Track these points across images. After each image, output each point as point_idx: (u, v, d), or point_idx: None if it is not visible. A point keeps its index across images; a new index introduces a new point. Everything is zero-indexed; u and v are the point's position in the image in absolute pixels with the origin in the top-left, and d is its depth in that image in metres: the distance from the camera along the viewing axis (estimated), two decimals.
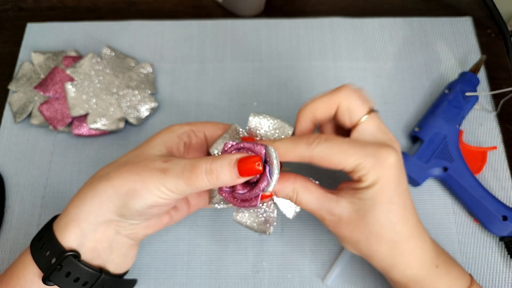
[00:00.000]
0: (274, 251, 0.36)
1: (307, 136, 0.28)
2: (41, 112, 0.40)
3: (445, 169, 0.37)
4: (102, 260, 0.28)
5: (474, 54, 0.44)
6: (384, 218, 0.27)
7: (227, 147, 0.27)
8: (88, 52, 0.42)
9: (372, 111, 0.29)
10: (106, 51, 0.42)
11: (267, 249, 0.37)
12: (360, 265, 0.36)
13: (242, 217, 0.31)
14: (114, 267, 0.29)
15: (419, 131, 0.38)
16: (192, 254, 0.36)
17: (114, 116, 0.40)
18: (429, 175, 0.37)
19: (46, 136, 0.41)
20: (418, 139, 0.39)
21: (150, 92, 0.42)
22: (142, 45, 0.45)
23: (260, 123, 0.31)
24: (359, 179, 0.27)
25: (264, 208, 0.31)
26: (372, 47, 0.45)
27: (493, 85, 0.43)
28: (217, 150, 0.31)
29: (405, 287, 0.29)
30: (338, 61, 0.44)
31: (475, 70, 0.41)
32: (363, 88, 0.32)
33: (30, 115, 0.41)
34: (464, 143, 0.39)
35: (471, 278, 0.30)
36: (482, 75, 0.43)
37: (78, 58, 0.42)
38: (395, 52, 0.45)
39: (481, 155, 0.38)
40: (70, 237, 0.26)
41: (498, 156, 0.40)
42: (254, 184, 0.27)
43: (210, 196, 0.32)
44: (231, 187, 0.27)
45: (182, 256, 0.36)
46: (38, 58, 0.43)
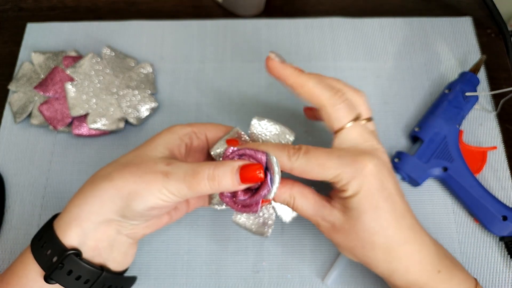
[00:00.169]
0: (274, 251, 0.36)
1: (288, 147, 0.28)
2: (41, 112, 0.40)
3: (445, 169, 0.37)
4: (102, 259, 0.28)
5: (474, 54, 0.44)
6: (373, 225, 0.27)
7: (229, 153, 0.27)
8: (88, 52, 0.42)
9: (357, 118, 0.29)
10: (106, 51, 0.42)
11: (267, 249, 0.37)
12: (360, 265, 0.36)
13: (241, 219, 0.31)
14: (114, 265, 0.29)
15: (419, 131, 0.38)
16: (192, 253, 0.36)
17: (114, 116, 0.40)
18: (429, 175, 0.37)
19: (46, 136, 0.41)
20: (418, 139, 0.39)
21: (150, 92, 0.42)
22: (142, 45, 0.45)
23: (262, 128, 0.31)
24: (341, 189, 0.28)
25: (263, 211, 0.31)
26: (372, 47, 0.45)
27: (493, 85, 0.43)
28: (219, 150, 0.31)
29: None
30: (338, 61, 0.44)
31: (475, 70, 0.41)
32: (363, 93, 0.32)
33: (30, 115, 0.41)
34: (464, 143, 0.39)
35: (476, 283, 0.29)
36: (482, 75, 0.43)
37: (78, 58, 0.42)
38: (395, 52, 0.45)
39: (481, 155, 0.38)
40: (71, 236, 0.27)
41: (498, 156, 0.40)
42: (255, 191, 0.27)
43: (210, 197, 0.32)
44: (232, 192, 0.28)
45: (182, 255, 0.36)
46: (38, 58, 0.43)
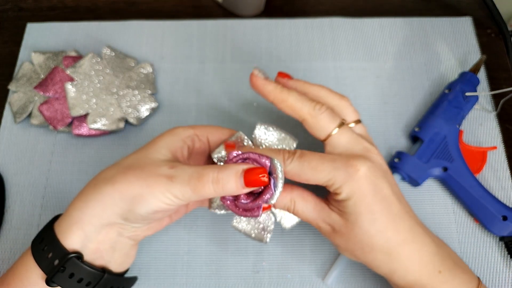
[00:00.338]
0: (274, 251, 0.36)
1: (283, 151, 0.28)
2: (41, 112, 0.40)
3: (445, 169, 0.37)
4: (104, 261, 0.28)
5: (474, 54, 0.44)
6: (370, 228, 0.27)
7: (232, 156, 0.27)
8: (88, 52, 0.42)
9: (342, 124, 0.29)
10: (106, 51, 0.42)
11: (267, 249, 0.37)
12: (360, 265, 0.36)
13: (241, 224, 0.32)
14: (116, 266, 0.29)
15: (419, 131, 0.38)
16: (192, 254, 0.36)
17: (114, 116, 0.40)
18: (429, 175, 0.37)
19: (46, 136, 0.41)
20: (418, 139, 0.39)
21: (150, 92, 0.42)
22: (142, 45, 0.45)
23: (265, 134, 0.31)
24: (334, 192, 0.28)
25: (263, 217, 0.31)
26: (372, 47, 0.45)
27: (493, 85, 0.43)
28: (220, 155, 0.31)
29: None
30: (338, 61, 0.44)
31: (475, 70, 0.41)
32: (347, 97, 0.32)
33: (30, 115, 0.41)
34: (464, 143, 0.39)
35: (478, 282, 0.29)
36: (482, 75, 0.43)
37: (78, 58, 0.42)
38: (395, 52, 0.45)
39: (481, 155, 0.38)
40: (73, 239, 0.26)
41: (498, 156, 0.40)
42: (257, 195, 0.27)
43: (210, 201, 0.32)
44: (234, 196, 0.28)
45: (182, 256, 0.36)
46: (38, 58, 0.43)
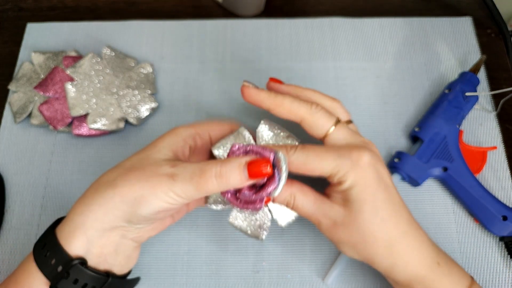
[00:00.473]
0: (274, 251, 0.36)
1: (285, 145, 0.29)
2: (41, 112, 0.40)
3: (445, 169, 0.37)
4: (108, 264, 0.28)
5: (474, 54, 0.44)
6: (374, 217, 0.27)
7: (235, 148, 0.27)
8: (88, 52, 0.42)
9: (338, 122, 0.30)
10: (106, 51, 0.42)
11: (267, 249, 0.37)
12: (360, 264, 0.36)
13: (237, 220, 0.31)
14: (119, 268, 0.29)
15: (419, 131, 0.38)
16: (192, 254, 0.36)
17: (114, 116, 0.40)
18: (429, 175, 0.37)
19: (46, 136, 0.41)
20: (418, 139, 0.39)
21: (150, 92, 0.42)
22: (142, 45, 0.45)
23: (268, 131, 0.31)
24: (339, 182, 0.28)
25: (259, 214, 0.31)
26: (372, 47, 0.45)
27: (493, 85, 0.43)
28: (221, 151, 0.31)
29: (408, 287, 0.29)
30: (338, 61, 0.45)
31: (475, 70, 0.41)
32: (338, 100, 0.32)
33: (30, 115, 0.41)
34: (464, 143, 0.39)
35: (472, 278, 0.30)
36: (482, 75, 0.43)
37: (78, 58, 0.42)
38: (395, 52, 0.45)
39: (481, 155, 0.38)
40: (76, 244, 0.26)
41: (498, 156, 0.40)
42: (259, 188, 0.27)
43: (206, 196, 0.32)
44: (236, 189, 0.27)
45: (182, 256, 0.36)
46: (38, 58, 0.43)
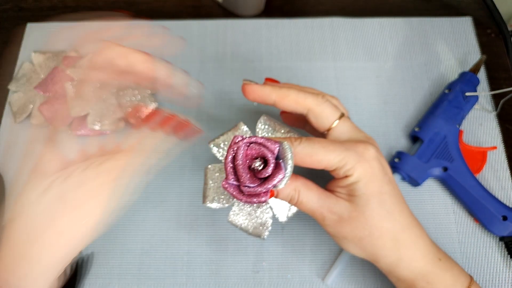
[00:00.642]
0: (274, 251, 0.36)
1: (289, 137, 0.29)
2: (41, 112, 0.40)
3: (445, 169, 0.37)
4: None
5: (474, 54, 0.44)
6: (380, 210, 0.27)
7: (238, 140, 0.26)
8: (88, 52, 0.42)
9: (343, 116, 0.30)
10: None
11: (267, 249, 0.37)
12: (360, 264, 0.36)
13: (238, 218, 0.31)
14: None
15: (419, 131, 0.38)
16: (192, 254, 0.36)
17: (114, 116, 0.40)
18: (429, 175, 0.37)
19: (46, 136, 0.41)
20: (418, 139, 0.39)
21: (150, 92, 0.42)
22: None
23: (269, 127, 0.31)
24: (345, 176, 0.27)
25: (260, 211, 0.31)
26: (372, 47, 0.45)
27: (493, 85, 0.43)
28: (221, 149, 0.30)
29: (411, 284, 0.28)
30: (338, 61, 0.45)
31: (475, 70, 0.41)
32: (337, 98, 0.32)
33: (30, 115, 0.41)
34: (464, 143, 0.39)
35: (471, 277, 0.30)
36: (482, 75, 0.43)
37: (78, 58, 0.42)
38: (395, 52, 0.45)
39: (481, 155, 0.38)
40: None
41: (498, 156, 0.40)
42: (263, 180, 0.26)
43: (204, 196, 0.32)
44: (238, 181, 0.26)
45: (182, 256, 0.36)
46: (38, 58, 0.43)
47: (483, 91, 0.43)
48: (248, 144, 0.26)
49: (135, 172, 0.29)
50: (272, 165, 0.25)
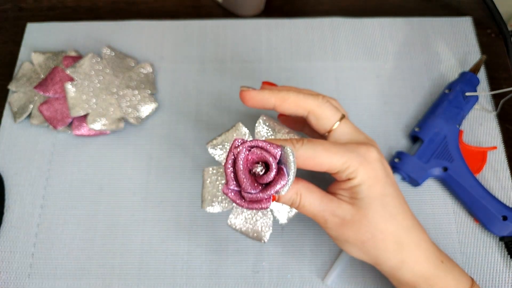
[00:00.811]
0: (274, 251, 0.36)
1: (291, 139, 0.28)
2: (41, 112, 0.40)
3: (445, 169, 0.37)
4: None
5: (474, 54, 0.44)
6: (383, 212, 0.27)
7: (238, 143, 0.25)
8: (88, 52, 0.42)
9: (343, 117, 0.30)
10: (106, 51, 0.42)
11: (267, 249, 0.37)
12: (360, 264, 0.36)
13: (237, 222, 0.30)
14: None
15: (419, 131, 0.38)
16: (192, 253, 0.36)
17: (114, 116, 0.40)
18: (429, 175, 0.37)
19: (46, 136, 0.41)
20: (418, 139, 0.39)
21: (150, 92, 0.42)
22: (142, 45, 0.45)
23: (268, 127, 0.30)
24: (347, 178, 0.27)
25: (260, 214, 0.30)
26: (372, 47, 0.45)
27: (493, 85, 0.43)
28: (219, 150, 0.30)
29: (413, 287, 0.28)
30: (338, 61, 0.44)
31: (475, 70, 0.41)
32: (336, 99, 0.32)
33: (30, 115, 0.41)
34: (464, 143, 0.39)
35: (472, 279, 0.30)
36: (482, 75, 0.43)
37: (78, 58, 0.42)
38: (395, 52, 0.45)
39: (481, 155, 0.38)
40: None
41: (498, 156, 0.40)
42: (265, 185, 0.25)
43: (203, 200, 0.31)
44: (239, 186, 0.25)
45: (182, 255, 0.36)
46: (38, 58, 0.43)
47: (483, 91, 0.43)
48: (249, 148, 0.25)
49: None
50: (274, 170, 0.24)
